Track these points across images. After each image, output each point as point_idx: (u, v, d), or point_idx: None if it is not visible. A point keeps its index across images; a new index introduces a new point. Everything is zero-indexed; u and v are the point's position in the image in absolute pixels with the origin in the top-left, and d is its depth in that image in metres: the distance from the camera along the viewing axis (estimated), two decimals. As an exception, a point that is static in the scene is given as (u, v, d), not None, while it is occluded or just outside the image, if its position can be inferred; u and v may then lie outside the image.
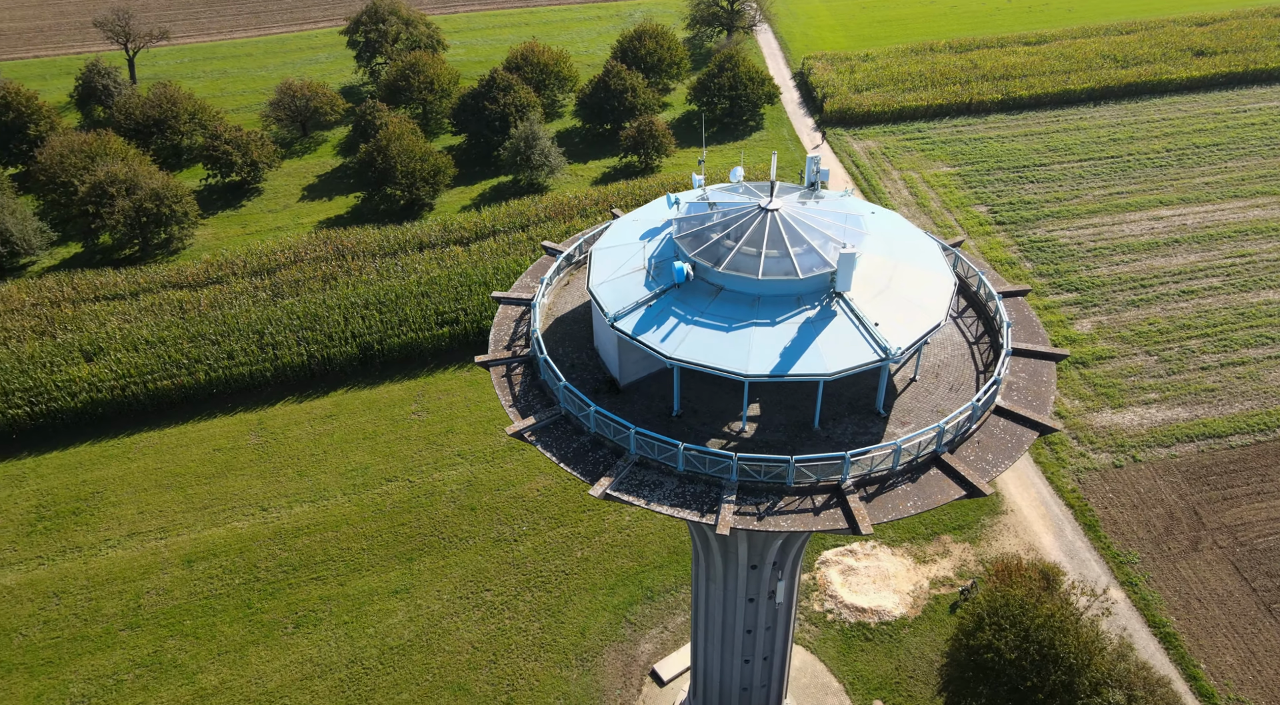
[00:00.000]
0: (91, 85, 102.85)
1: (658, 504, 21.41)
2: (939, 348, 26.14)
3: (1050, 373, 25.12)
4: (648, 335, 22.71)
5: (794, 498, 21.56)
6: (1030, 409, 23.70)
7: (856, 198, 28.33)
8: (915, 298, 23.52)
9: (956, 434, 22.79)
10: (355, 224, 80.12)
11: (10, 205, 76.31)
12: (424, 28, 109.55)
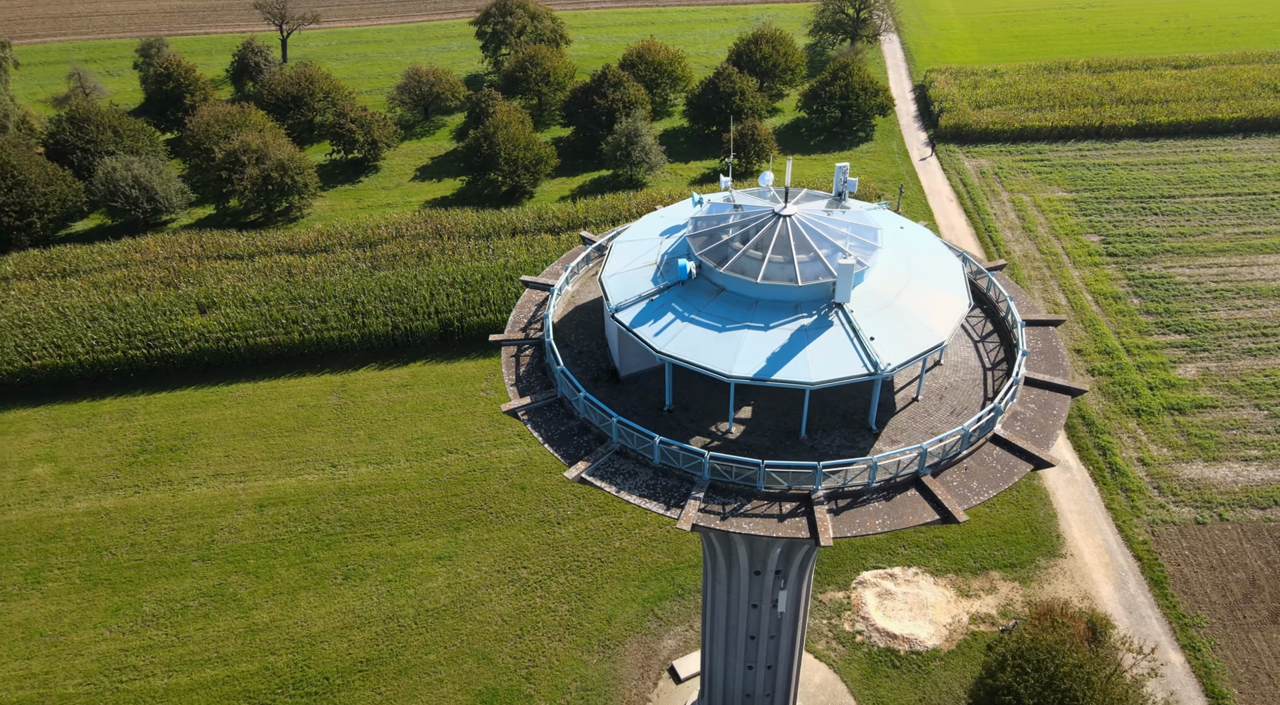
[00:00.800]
0: (245, 62, 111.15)
1: (628, 493, 21.95)
2: (950, 370, 25.48)
3: (1063, 407, 24.09)
4: (643, 328, 23.25)
5: (762, 502, 21.65)
6: (1030, 441, 22.85)
7: (889, 211, 27.91)
8: (921, 315, 23.07)
9: (943, 457, 22.27)
10: (458, 206, 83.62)
11: (159, 166, 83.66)
12: (549, 22, 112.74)
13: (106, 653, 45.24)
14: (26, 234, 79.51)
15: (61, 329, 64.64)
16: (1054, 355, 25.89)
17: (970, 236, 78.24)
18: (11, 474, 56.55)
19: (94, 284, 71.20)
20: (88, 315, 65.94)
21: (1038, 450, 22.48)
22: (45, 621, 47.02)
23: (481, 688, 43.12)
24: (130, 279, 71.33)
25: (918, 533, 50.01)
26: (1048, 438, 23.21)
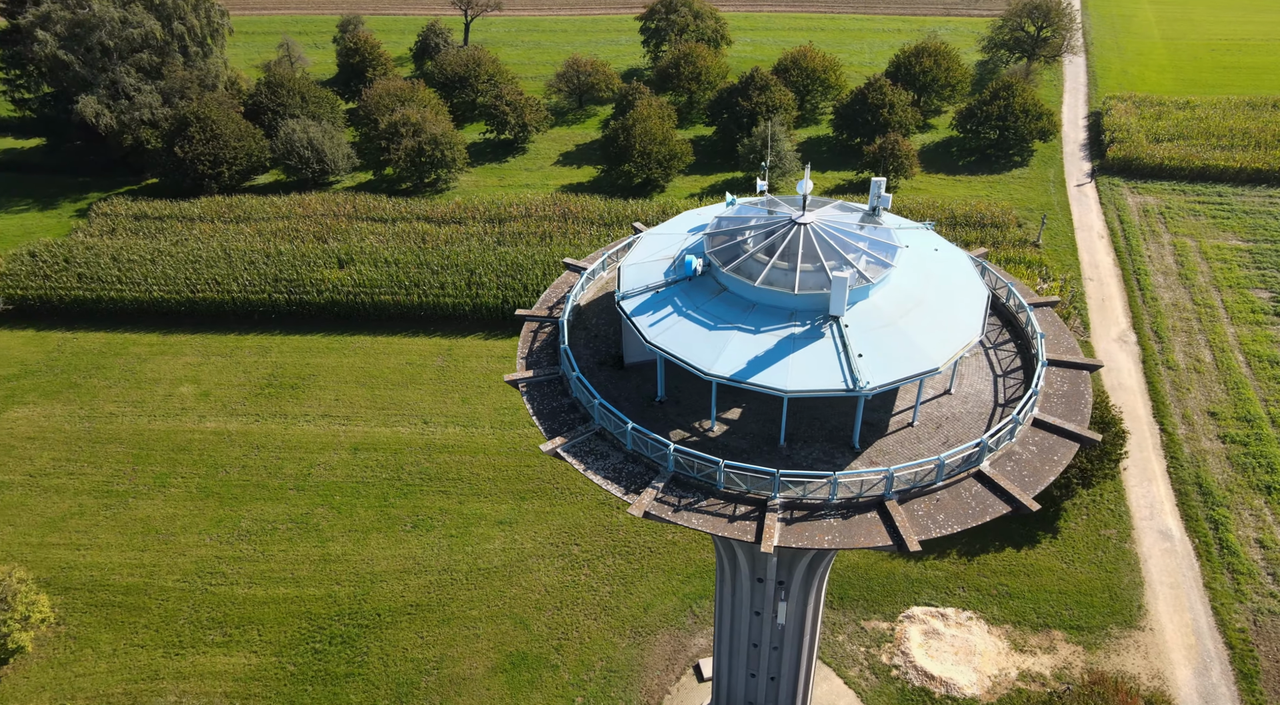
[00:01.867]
0: (427, 42, 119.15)
1: (594, 473, 22.80)
2: (959, 401, 24.55)
3: (1065, 454, 22.74)
4: (641, 318, 23.96)
5: (719, 501, 21.90)
6: (1016, 484, 21.79)
7: (930, 233, 27.09)
8: (920, 340, 22.47)
9: (914, 485, 21.67)
10: (590, 193, 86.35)
11: (332, 132, 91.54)
12: (712, 22, 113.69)
13: (204, 557, 50.79)
14: (216, 182, 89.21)
15: (224, 268, 72.41)
16: (1077, 401, 24.38)
17: (1115, 277, 72.66)
18: (162, 389, 64.18)
19: (259, 231, 79.17)
20: (247, 258, 73.48)
21: (1019, 494, 21.42)
22: (162, 521, 53.31)
23: (513, 650, 45.14)
24: (289, 230, 78.78)
25: (980, 577, 47.64)
26: (1037, 482, 22.03)
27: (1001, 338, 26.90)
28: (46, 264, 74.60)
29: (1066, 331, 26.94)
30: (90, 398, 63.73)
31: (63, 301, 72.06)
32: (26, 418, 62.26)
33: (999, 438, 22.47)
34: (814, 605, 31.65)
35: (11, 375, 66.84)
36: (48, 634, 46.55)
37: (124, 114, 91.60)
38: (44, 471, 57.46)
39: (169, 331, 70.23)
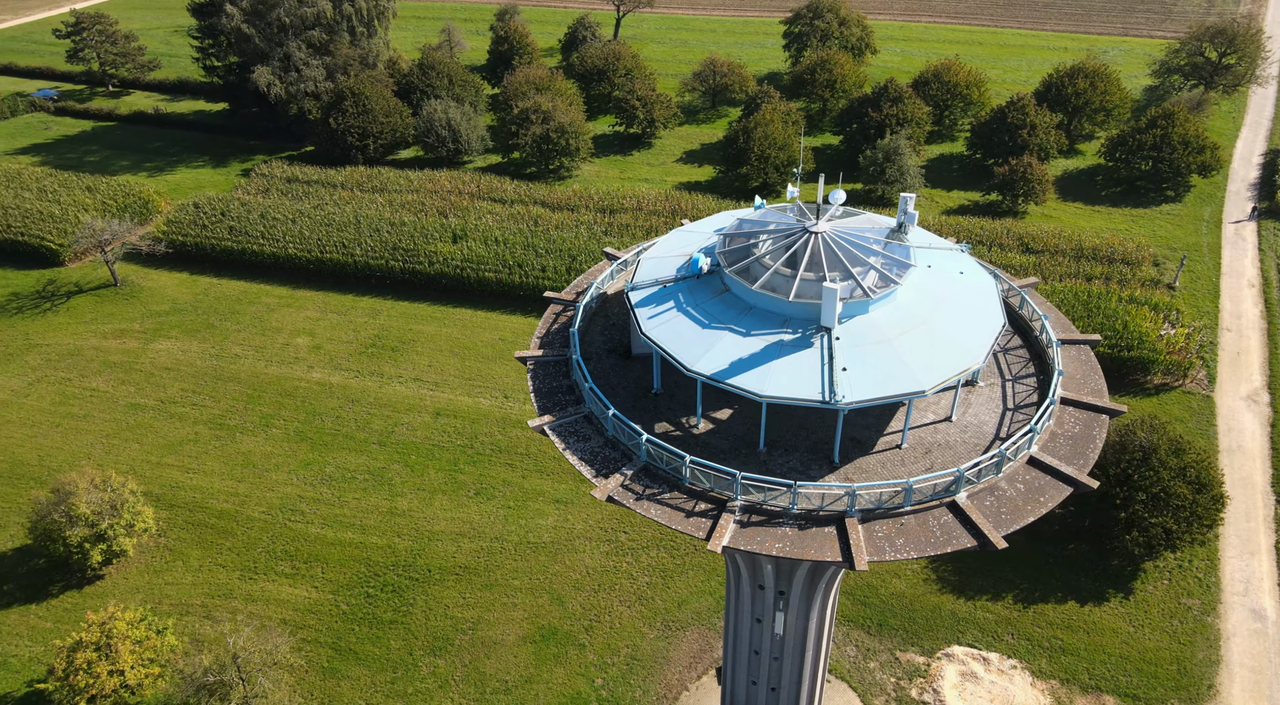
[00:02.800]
0: (575, 35, 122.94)
1: (571, 452, 23.63)
2: (957, 430, 23.74)
3: (1054, 496, 21.63)
4: (643, 310, 24.58)
5: (682, 495, 22.24)
6: (990, 520, 20.96)
7: (965, 256, 26.19)
8: (911, 361, 21.96)
9: (879, 506, 21.27)
10: (706, 193, 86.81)
11: (470, 114, 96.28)
12: (857, 29, 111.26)
13: (288, 495, 55.22)
14: (362, 153, 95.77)
15: (352, 233, 77.86)
16: (1085, 444, 23.05)
17: (1258, 330, 66.24)
18: (282, 338, 69.94)
19: (389, 202, 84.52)
20: (374, 226, 78.69)
21: (989, 531, 20.60)
22: (260, 457, 58.32)
23: (545, 623, 46.68)
24: (416, 203, 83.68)
25: (1034, 626, 45.10)
26: (1014, 521, 21.10)
27: (1024, 371, 25.71)
28: (205, 215, 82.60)
29: (1097, 372, 25.42)
30: (221, 339, 70.31)
31: (214, 250, 79.65)
32: (168, 350, 69.44)
33: (981, 471, 21.67)
34: (817, 621, 31.23)
35: (163, 312, 74.64)
36: (148, 543, 52.05)
37: (292, 86, 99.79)
38: (173, 400, 63.99)
39: (297, 286, 76.32)
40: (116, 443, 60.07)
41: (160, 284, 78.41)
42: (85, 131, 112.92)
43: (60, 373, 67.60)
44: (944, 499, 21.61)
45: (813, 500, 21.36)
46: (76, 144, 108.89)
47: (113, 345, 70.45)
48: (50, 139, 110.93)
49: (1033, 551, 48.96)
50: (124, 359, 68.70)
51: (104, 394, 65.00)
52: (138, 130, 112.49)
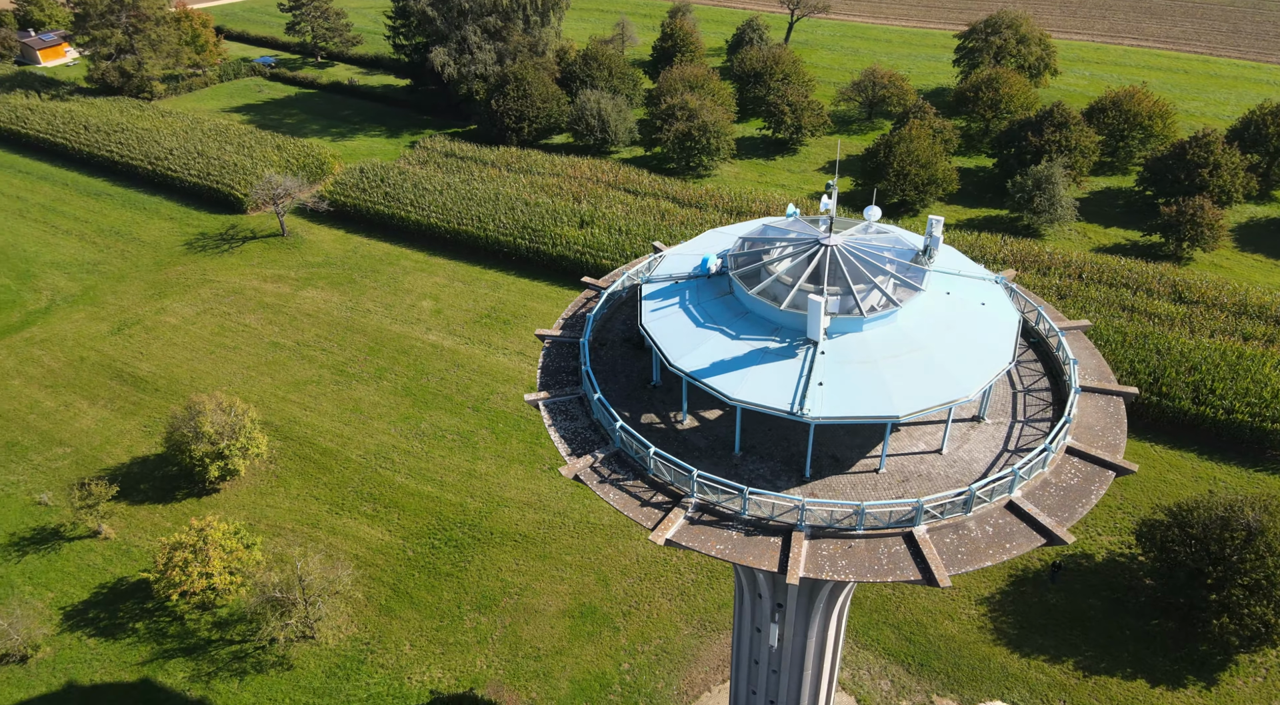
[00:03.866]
0: (742, 36, 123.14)
1: (555, 428, 24.64)
2: (944, 463, 22.83)
3: (1022, 543, 20.47)
4: (650, 302, 25.23)
5: (644, 485, 22.76)
6: (944, 556, 20.18)
7: (999, 287, 25.03)
8: (894, 385, 21.43)
9: (829, 524, 20.96)
10: (844, 205, 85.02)
11: (622, 107, 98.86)
12: (1037, 48, 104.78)
13: (383, 443, 59.59)
14: (517, 135, 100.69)
15: (489, 209, 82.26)
16: (1078, 498, 21.58)
17: None
18: (410, 300, 75.15)
19: (531, 183, 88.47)
20: (510, 204, 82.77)
21: (937, 567, 19.85)
22: (367, 405, 63.18)
23: (586, 602, 48.09)
24: (554, 187, 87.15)
25: (1092, 697, 41.85)
26: (970, 562, 20.19)
27: (1040, 414, 24.29)
28: (367, 180, 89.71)
29: (1121, 427, 23.63)
30: (359, 293, 76.43)
31: (368, 212, 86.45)
32: (312, 298, 76.30)
33: (945, 508, 20.87)
34: (817, 639, 30.80)
35: (316, 263, 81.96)
36: (259, 467, 57.80)
37: (464, 67, 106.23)
38: (307, 343, 70.37)
39: (433, 253, 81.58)
40: (253, 375, 66.86)
41: (319, 238, 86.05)
42: (290, 96, 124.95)
43: (223, 307, 75.85)
44: (901, 529, 20.99)
45: (763, 509, 21.35)
46: (280, 107, 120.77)
47: (269, 288, 78.19)
48: (260, 101, 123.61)
49: (1110, 619, 45.35)
50: (275, 302, 76.12)
51: (253, 331, 72.39)
52: (333, 99, 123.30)
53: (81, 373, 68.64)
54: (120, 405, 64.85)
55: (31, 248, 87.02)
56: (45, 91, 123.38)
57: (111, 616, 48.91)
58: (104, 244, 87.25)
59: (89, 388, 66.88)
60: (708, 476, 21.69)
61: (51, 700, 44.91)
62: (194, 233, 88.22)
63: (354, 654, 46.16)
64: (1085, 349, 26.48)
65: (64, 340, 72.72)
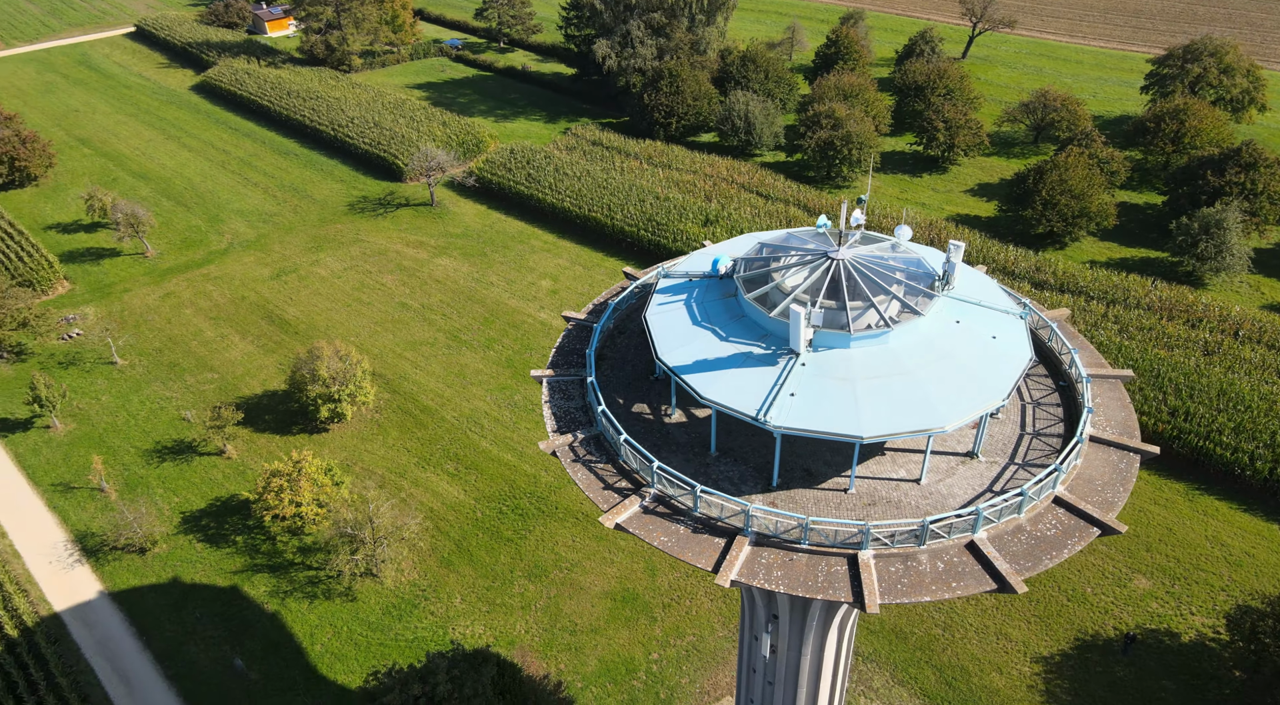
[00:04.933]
0: (913, 47, 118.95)
1: (549, 406, 25.65)
2: (918, 493, 22.12)
3: (969, 586, 19.66)
4: (660, 296, 25.85)
5: (613, 471, 23.44)
6: (884, 585, 19.74)
7: (1019, 321, 23.88)
8: (866, 406, 21.04)
9: (774, 534, 20.95)
10: (980, 229, 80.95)
11: (770, 110, 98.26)
12: (1243, 80, 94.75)
13: (477, 409, 62.98)
14: (664, 130, 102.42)
15: (620, 199, 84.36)
16: (1048, 550, 20.37)
17: None
18: (531, 278, 78.58)
19: (666, 178, 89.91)
20: (641, 196, 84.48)
21: (870, 589, 19.48)
22: (471, 372, 66.87)
23: (630, 588, 49.10)
24: (688, 183, 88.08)
25: (1135, 785, 38.53)
26: (910, 594, 19.62)
27: (1043, 459, 22.97)
28: (515, 160, 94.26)
29: (1125, 487, 21.98)
30: (486, 266, 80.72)
31: (509, 191, 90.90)
32: (444, 266, 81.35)
33: (898, 537, 20.33)
34: (813, 657, 30.50)
35: (456, 234, 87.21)
36: (364, 414, 62.66)
37: (625, 60, 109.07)
38: (431, 307, 75.24)
39: (560, 235, 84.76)
40: (378, 329, 72.32)
41: (462, 211, 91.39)
42: (467, 78, 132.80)
43: (367, 265, 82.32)
44: (847, 550, 20.65)
45: (713, 509, 21.58)
46: (456, 87, 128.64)
47: (409, 253, 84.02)
48: (440, 80, 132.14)
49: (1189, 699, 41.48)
50: (412, 265, 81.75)
51: (387, 290, 78.18)
52: (504, 82, 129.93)
53: (240, 310, 76.69)
54: (265, 342, 72.00)
55: (224, 195, 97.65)
56: (264, 58, 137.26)
57: (219, 527, 54.82)
58: (282, 198, 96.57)
59: (243, 324, 74.66)
60: (666, 470, 22.15)
61: (157, 590, 51.05)
62: (357, 195, 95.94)
63: (410, 597, 49.48)
64: (1117, 400, 24.72)
65: (232, 279, 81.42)
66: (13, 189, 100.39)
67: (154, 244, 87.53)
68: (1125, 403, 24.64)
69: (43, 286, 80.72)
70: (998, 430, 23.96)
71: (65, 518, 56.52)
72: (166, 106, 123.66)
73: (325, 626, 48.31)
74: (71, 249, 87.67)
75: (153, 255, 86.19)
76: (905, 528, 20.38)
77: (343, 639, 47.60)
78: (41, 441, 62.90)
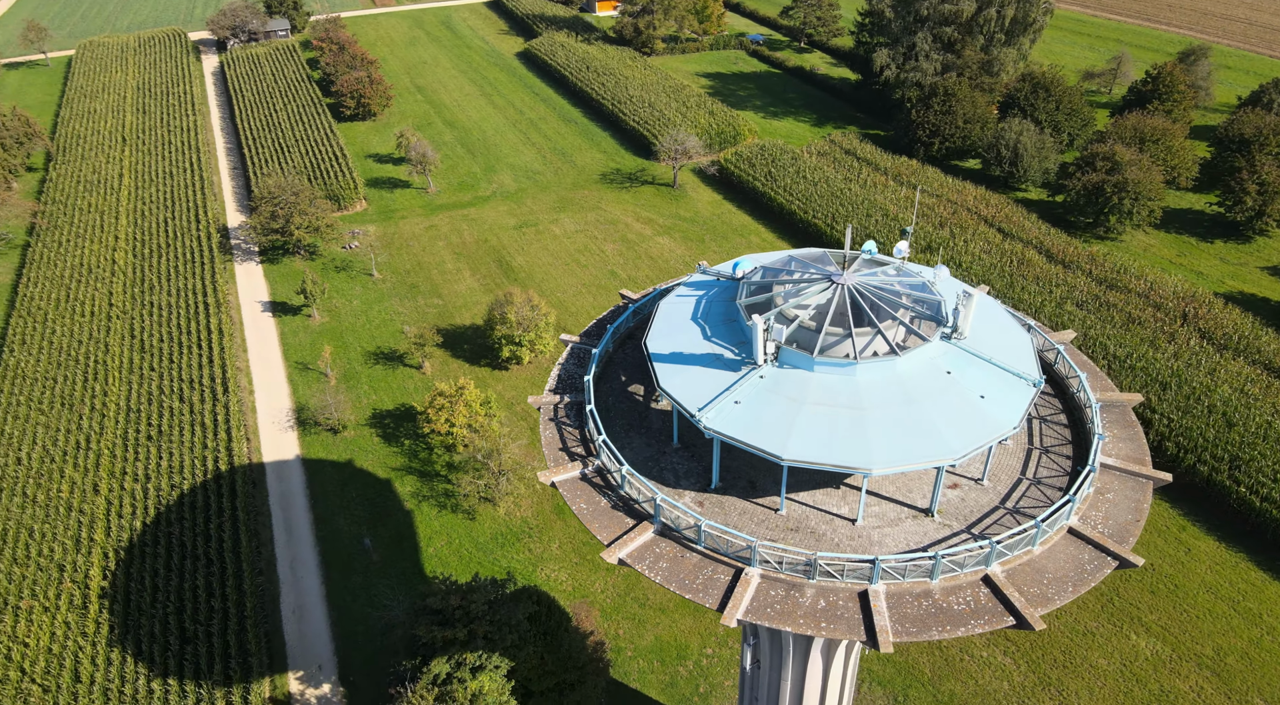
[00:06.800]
0: (1261, 95, 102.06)
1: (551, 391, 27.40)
2: (847, 531, 21.32)
3: (837, 630, 18.88)
4: (682, 289, 26.79)
5: (577, 440, 24.97)
6: (755, 604, 19.60)
7: (1024, 385, 21.94)
8: (799, 430, 20.77)
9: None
10: (1271, 319, 68.85)
11: (1043, 143, 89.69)
12: None
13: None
14: (925, 149, 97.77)
15: (847, 209, 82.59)
16: (940, 621, 18.89)
17: None
18: (736, 272, 79.70)
19: (906, 198, 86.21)
20: (868, 210, 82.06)
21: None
22: (648, 346, 69.90)
23: (711, 581, 49.62)
24: (926, 207, 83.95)
25: None
26: (779, 620, 19.29)
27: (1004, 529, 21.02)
28: (761, 157, 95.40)
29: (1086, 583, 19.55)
30: (701, 252, 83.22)
31: (746, 185, 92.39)
32: (662, 245, 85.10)
33: (848, 574, 19.92)
34: (794, 680, 30.13)
35: (685, 217, 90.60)
36: (540, 361, 68.23)
37: (904, 73, 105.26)
38: (636, 279, 79.32)
39: (780, 235, 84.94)
40: (582, 291, 77.84)
41: (698, 197, 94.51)
42: (756, 72, 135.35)
43: (595, 231, 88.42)
44: (738, 562, 20.63)
45: (670, 521, 22.02)
46: (740, 80, 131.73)
47: (635, 227, 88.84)
48: (730, 71, 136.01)
49: None
50: (635, 239, 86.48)
51: (604, 257, 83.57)
52: (789, 81, 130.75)
53: (479, 251, 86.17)
54: (488, 282, 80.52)
55: (505, 150, 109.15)
56: (581, 34, 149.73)
57: (395, 428, 63.17)
58: (550, 160, 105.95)
59: (477, 263, 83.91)
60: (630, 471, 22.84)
61: (334, 466, 60.25)
62: (612, 167, 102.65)
63: (517, 530, 54.02)
64: (1133, 465, 21.67)
65: (483, 223, 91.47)
66: (355, 121, 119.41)
67: (436, 182, 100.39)
68: (1146, 470, 21.56)
69: (345, 203, 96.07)
70: (973, 496, 22.18)
71: (295, 390, 68.12)
72: (491, 67, 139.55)
73: (443, 534, 54.31)
74: (377, 176, 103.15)
75: (432, 192, 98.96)
76: (796, 557, 19.94)
77: (452, 549, 53.28)
78: (300, 326, 75.90)
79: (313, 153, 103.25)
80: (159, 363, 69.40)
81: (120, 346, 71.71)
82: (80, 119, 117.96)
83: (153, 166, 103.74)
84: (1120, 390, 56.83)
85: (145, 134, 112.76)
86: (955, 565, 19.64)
